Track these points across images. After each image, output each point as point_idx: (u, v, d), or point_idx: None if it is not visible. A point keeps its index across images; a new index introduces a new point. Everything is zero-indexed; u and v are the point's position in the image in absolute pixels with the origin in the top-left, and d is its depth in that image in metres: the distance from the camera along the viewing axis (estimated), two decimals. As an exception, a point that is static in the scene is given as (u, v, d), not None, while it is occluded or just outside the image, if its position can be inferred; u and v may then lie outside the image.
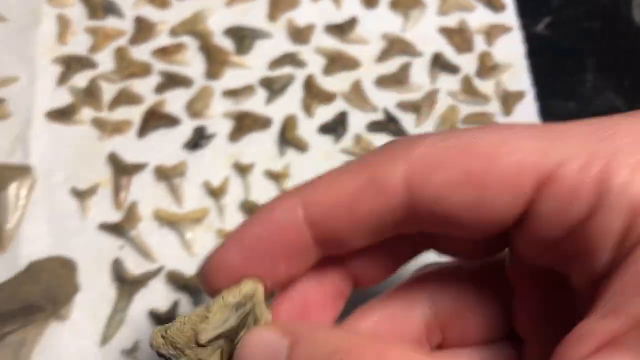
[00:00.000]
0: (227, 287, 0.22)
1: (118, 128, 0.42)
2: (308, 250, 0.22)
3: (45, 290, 0.37)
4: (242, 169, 0.41)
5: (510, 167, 0.19)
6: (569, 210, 0.18)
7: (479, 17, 0.46)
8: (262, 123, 0.42)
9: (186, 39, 0.45)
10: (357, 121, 0.43)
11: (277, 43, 0.45)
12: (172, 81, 0.43)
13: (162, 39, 0.44)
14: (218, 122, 0.43)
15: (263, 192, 0.41)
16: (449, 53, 0.45)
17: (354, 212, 0.21)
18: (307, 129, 0.43)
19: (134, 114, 0.43)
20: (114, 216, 0.40)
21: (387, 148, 0.21)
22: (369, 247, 0.23)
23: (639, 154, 0.17)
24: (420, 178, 0.20)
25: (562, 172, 0.18)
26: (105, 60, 0.44)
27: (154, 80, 0.43)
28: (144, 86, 0.43)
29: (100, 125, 0.42)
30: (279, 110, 0.43)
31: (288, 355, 0.19)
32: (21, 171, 0.40)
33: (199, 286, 0.38)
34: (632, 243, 0.17)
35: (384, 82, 0.44)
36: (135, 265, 0.39)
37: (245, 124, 0.42)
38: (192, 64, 0.44)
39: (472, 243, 0.23)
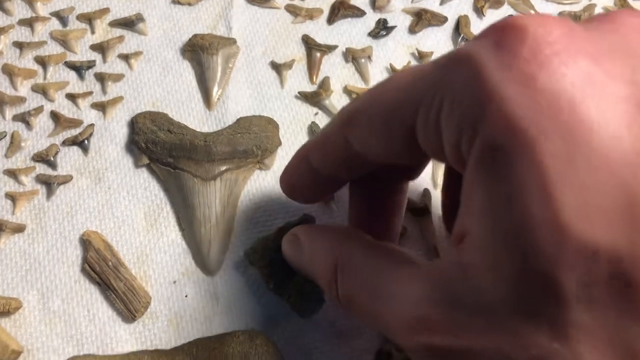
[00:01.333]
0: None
1: (310, 14, 0.46)
2: (316, 180, 0.32)
3: (256, 140, 0.41)
4: (422, 56, 0.45)
5: (387, 115, 0.25)
6: (432, 131, 0.23)
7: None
8: (439, 19, 0.46)
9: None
10: (523, 25, 0.46)
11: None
12: (357, -22, 0.47)
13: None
14: (398, 16, 0.46)
15: (440, 77, 0.44)
16: (604, -26, 0.49)
17: (328, 155, 0.29)
18: (478, 28, 0.46)
19: (324, 3, 0.46)
20: (308, 88, 0.44)
21: (340, 113, 0.28)
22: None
23: (468, 88, 0.20)
24: (352, 138, 0.27)
25: (421, 110, 0.23)
26: (296, -44, 0.48)
27: (340, -24, 0.47)
28: (332, -20, 0.47)
29: (293, 10, 0.46)
30: (452, 10, 0.47)
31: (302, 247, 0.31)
32: (227, 41, 0.44)
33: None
34: (465, 154, 0.21)
35: (547, -8, 0.47)
36: (328, 129, 0.42)
37: (424, 18, 0.46)
38: (375, -36, 0.48)
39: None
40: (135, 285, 0.37)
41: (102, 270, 0.37)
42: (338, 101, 0.43)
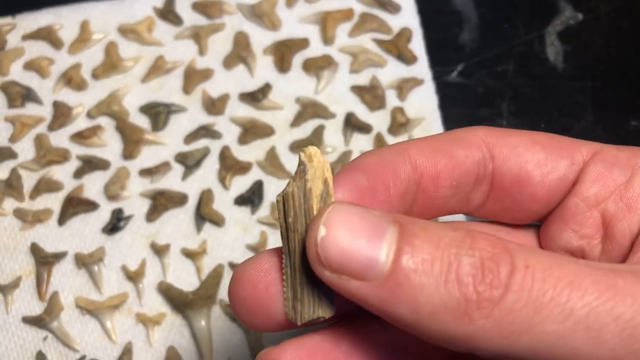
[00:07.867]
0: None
1: (38, 217, 0.38)
2: (408, 185, 0.21)
3: (-34, 393, 0.33)
4: (159, 250, 0.37)
5: (570, 140, 0.21)
6: (611, 177, 0.20)
7: (391, 72, 0.41)
8: (177, 200, 0.38)
9: (102, 120, 0.40)
10: (273, 189, 0.38)
11: (192, 116, 0.40)
12: (89, 165, 0.39)
13: (80, 123, 0.40)
14: (135, 202, 0.38)
15: (180, 271, 0.37)
16: (362, 112, 0.40)
17: (451, 157, 0.21)
18: (223, 202, 0.38)
19: (54, 201, 0.39)
20: (37, 308, 0.36)
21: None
22: None
23: None
24: (497, 139, 0.21)
25: (606, 148, 0.21)
26: (25, 148, 0.40)
27: (72, 165, 0.39)
28: (63, 172, 0.39)
29: (21, 215, 0.38)
30: (195, 185, 0.39)
31: (398, 242, 0.16)
32: (-56, 270, 0.36)
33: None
34: None
35: (298, 146, 0.39)
36: (58, 356, 0.35)
37: (160, 203, 0.38)
38: (109, 145, 0.40)
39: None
40: None
41: None
42: (69, 319, 0.36)
